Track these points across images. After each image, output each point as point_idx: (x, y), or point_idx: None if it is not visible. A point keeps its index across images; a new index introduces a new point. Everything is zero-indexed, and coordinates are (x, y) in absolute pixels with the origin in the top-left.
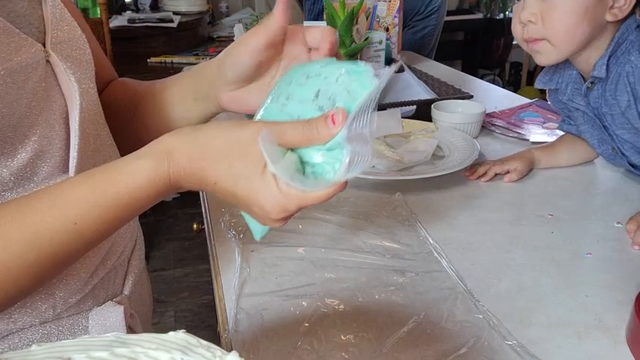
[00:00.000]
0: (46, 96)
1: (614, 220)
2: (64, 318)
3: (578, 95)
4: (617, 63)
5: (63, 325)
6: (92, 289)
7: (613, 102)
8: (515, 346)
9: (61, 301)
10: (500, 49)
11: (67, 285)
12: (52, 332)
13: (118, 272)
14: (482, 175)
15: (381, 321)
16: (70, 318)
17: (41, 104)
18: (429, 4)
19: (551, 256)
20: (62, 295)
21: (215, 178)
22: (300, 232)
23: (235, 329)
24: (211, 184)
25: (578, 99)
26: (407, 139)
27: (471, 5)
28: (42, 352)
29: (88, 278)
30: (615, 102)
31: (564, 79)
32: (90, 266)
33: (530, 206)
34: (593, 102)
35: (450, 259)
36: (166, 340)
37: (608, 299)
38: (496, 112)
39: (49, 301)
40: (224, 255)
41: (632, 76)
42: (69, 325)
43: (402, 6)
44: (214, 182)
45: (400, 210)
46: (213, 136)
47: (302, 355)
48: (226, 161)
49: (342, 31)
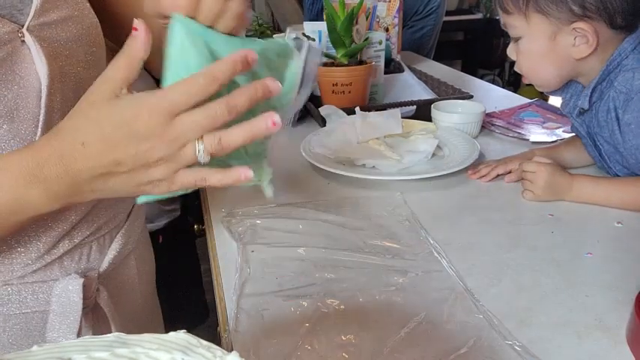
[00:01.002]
0: (12, 73)
1: (614, 220)
2: (28, 283)
3: (574, 115)
4: (606, 88)
5: (26, 290)
6: (58, 259)
7: (604, 124)
8: (516, 345)
9: (20, 264)
10: (499, 49)
11: (26, 250)
12: (13, 293)
13: (93, 248)
14: (484, 175)
15: (381, 321)
16: (34, 284)
17: (9, 80)
18: (428, 4)
19: (552, 256)
20: (21, 260)
21: (79, 139)
22: (301, 232)
23: (236, 329)
24: (80, 149)
25: (573, 118)
26: (407, 139)
27: (471, 5)
28: (42, 352)
29: (50, 248)
30: (605, 125)
31: (570, 90)
32: (52, 237)
33: (530, 206)
34: (588, 121)
35: (450, 259)
36: (167, 341)
37: (609, 299)
38: (496, 112)
39: (5, 262)
40: (224, 255)
41: (613, 102)
42: (32, 289)
43: (401, 6)
44: (81, 143)
45: (400, 210)
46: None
47: (302, 355)
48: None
49: (342, 32)
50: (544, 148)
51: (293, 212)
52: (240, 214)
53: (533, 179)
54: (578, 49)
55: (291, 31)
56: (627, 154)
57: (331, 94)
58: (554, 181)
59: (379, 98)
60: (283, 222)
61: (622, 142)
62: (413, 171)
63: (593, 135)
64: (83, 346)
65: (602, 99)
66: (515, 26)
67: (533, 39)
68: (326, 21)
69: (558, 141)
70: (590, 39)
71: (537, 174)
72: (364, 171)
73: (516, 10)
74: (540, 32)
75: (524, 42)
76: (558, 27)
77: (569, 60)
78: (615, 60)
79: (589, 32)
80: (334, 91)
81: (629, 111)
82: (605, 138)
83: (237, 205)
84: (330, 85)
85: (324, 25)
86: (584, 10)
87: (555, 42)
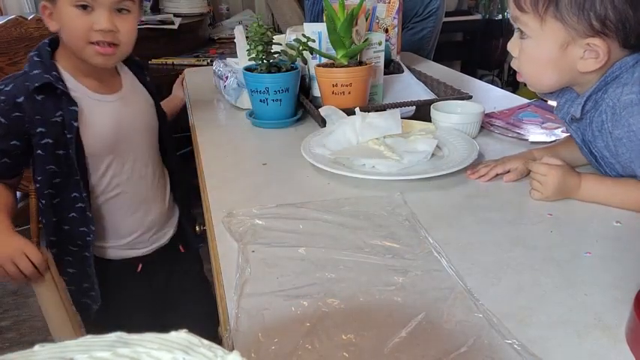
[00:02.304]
0: None
1: (613, 220)
2: None
3: (568, 120)
4: (600, 98)
5: None
6: None
7: (597, 134)
8: (515, 345)
9: None
10: (499, 50)
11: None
12: None
13: None
14: (483, 174)
15: (381, 320)
16: None
17: None
18: (428, 6)
19: (551, 256)
20: None
21: None
22: (301, 232)
23: (236, 329)
24: None
25: (568, 121)
26: (407, 139)
27: (470, 6)
28: (44, 352)
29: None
30: (599, 135)
31: (565, 95)
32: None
33: (529, 206)
34: (582, 129)
35: (450, 259)
36: (168, 340)
37: (608, 298)
38: (495, 113)
39: None
40: (225, 255)
41: (605, 114)
42: None
43: (401, 7)
44: None
45: (400, 210)
46: None
47: (303, 354)
48: None
49: (342, 33)
50: (542, 148)
51: (293, 212)
52: (240, 214)
53: (544, 182)
54: (585, 62)
55: (290, 32)
56: (623, 165)
57: (331, 95)
58: (564, 182)
59: (379, 99)
60: (283, 222)
61: (616, 154)
62: (413, 171)
63: (588, 143)
64: (85, 345)
65: (597, 109)
66: (526, 25)
67: (542, 43)
68: (326, 22)
69: (557, 141)
70: (600, 55)
71: (548, 177)
72: (364, 171)
73: (533, 10)
74: (552, 38)
75: (531, 43)
76: (573, 38)
77: (573, 70)
78: (615, 72)
79: (601, 49)
80: (334, 92)
81: (618, 126)
82: (599, 148)
83: (237, 206)
84: (330, 86)
85: (323, 26)
86: (603, 27)
87: (565, 51)
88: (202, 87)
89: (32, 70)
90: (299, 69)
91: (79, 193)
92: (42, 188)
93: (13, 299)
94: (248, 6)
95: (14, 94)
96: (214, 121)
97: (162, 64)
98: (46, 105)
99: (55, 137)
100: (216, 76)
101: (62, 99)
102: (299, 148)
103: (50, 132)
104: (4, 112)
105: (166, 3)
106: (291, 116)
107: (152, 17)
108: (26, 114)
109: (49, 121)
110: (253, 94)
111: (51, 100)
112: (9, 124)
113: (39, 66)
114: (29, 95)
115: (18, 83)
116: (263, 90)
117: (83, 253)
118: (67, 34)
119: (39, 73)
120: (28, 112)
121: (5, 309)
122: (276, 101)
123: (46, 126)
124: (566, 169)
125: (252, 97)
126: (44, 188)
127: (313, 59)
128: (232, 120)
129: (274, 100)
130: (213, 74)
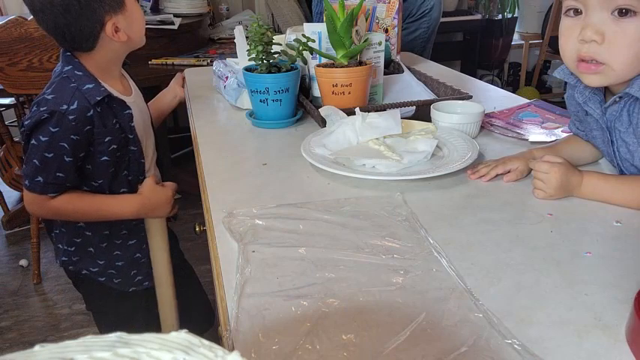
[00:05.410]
0: None
1: (613, 219)
2: None
3: (597, 102)
4: None
5: None
6: None
7: (631, 119)
8: (515, 344)
9: None
10: (499, 50)
11: None
12: None
13: None
14: (483, 175)
15: (381, 320)
16: None
17: None
18: (421, 7)
19: (551, 256)
20: None
21: None
22: (301, 232)
23: (237, 329)
24: None
25: (595, 105)
26: (407, 140)
27: (470, 6)
28: (44, 352)
29: None
30: (636, 120)
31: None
32: None
33: (529, 206)
34: (609, 114)
35: (450, 259)
36: (168, 340)
37: (608, 298)
38: (495, 113)
39: None
40: (225, 256)
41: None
42: None
43: (401, 7)
44: None
45: (400, 210)
46: None
47: (303, 354)
48: None
49: (342, 33)
50: (542, 148)
51: (293, 212)
52: (240, 214)
53: (547, 180)
54: None
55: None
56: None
57: (331, 95)
58: (566, 180)
59: (379, 99)
60: (284, 222)
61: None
62: (413, 171)
63: (612, 129)
64: (85, 346)
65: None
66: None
67: None
68: (326, 22)
69: (557, 141)
70: None
71: (550, 174)
72: (364, 171)
73: None
74: None
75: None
76: None
77: None
78: None
79: None
80: (334, 92)
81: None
82: (622, 134)
83: (237, 206)
84: (330, 86)
85: (323, 26)
86: None
87: None
88: (202, 87)
89: (83, 85)
90: (299, 69)
91: (130, 190)
92: (99, 190)
93: (13, 299)
94: (248, 6)
95: (83, 109)
96: (214, 121)
97: (162, 64)
98: (106, 114)
99: (117, 142)
100: (216, 76)
101: (113, 105)
102: (299, 148)
103: (114, 138)
104: (78, 129)
105: (166, 3)
106: (291, 116)
107: (152, 17)
108: (95, 126)
109: (112, 128)
110: (253, 94)
111: (107, 109)
112: (81, 139)
113: (86, 80)
114: (93, 109)
115: (79, 99)
116: (263, 90)
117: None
118: (138, 32)
119: (94, 87)
120: (97, 124)
121: (5, 309)
122: (276, 101)
123: (110, 133)
124: (568, 166)
125: (252, 98)
126: (103, 191)
127: (313, 59)
128: (232, 120)
129: (274, 101)
130: (213, 74)
